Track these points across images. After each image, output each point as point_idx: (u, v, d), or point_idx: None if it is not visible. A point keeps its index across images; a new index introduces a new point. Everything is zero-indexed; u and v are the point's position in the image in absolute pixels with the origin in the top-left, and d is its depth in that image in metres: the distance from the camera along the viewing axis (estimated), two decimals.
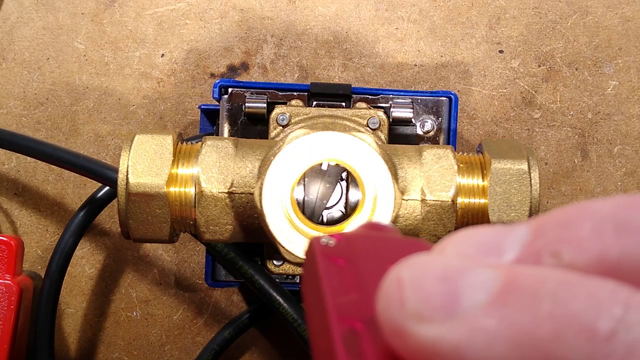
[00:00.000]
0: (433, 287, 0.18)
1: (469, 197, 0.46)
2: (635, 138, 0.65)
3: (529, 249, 0.19)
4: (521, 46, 0.65)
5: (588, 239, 0.18)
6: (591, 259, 0.18)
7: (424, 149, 0.48)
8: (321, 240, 0.23)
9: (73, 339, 0.65)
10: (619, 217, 0.18)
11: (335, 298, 0.20)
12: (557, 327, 0.16)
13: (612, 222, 0.18)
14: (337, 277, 0.21)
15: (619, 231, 0.18)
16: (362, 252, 0.23)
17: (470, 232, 0.20)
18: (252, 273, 0.55)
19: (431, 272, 0.18)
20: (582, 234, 0.18)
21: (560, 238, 0.18)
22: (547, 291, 0.17)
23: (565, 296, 0.17)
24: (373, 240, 0.24)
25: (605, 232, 0.18)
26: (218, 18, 0.66)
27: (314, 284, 0.22)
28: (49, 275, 0.58)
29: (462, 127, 0.65)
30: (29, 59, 0.66)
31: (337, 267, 0.22)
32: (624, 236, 0.18)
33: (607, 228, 0.18)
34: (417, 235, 0.47)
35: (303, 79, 0.65)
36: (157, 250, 0.65)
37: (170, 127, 0.65)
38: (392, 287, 0.18)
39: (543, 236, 0.19)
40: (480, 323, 0.17)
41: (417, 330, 0.18)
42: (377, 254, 0.23)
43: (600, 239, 0.18)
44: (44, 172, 0.65)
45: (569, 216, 0.19)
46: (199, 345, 0.65)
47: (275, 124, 0.53)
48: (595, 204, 0.19)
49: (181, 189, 0.47)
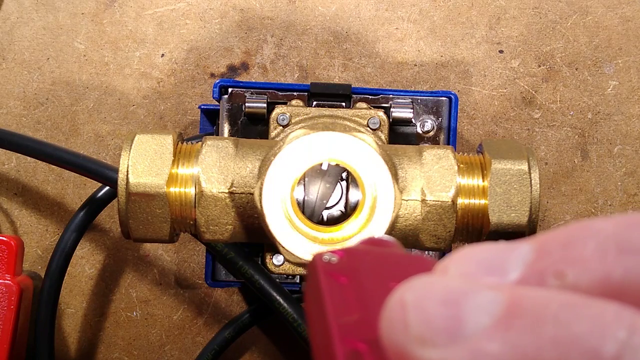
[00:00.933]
0: (436, 310, 0.18)
1: (469, 197, 0.46)
2: (635, 138, 0.65)
3: (533, 268, 0.19)
4: (521, 46, 0.65)
5: (591, 259, 0.18)
6: (595, 279, 0.18)
7: (424, 149, 0.48)
8: (323, 257, 0.23)
9: (73, 339, 0.65)
10: (622, 238, 0.18)
11: (339, 318, 0.20)
12: (561, 351, 0.16)
13: (615, 243, 0.18)
14: (340, 295, 0.21)
15: (622, 252, 0.18)
16: (364, 269, 0.23)
17: (473, 250, 0.20)
18: (252, 273, 0.55)
19: (434, 295, 0.18)
20: (585, 255, 0.18)
21: (564, 258, 0.18)
22: (551, 314, 0.17)
23: (569, 319, 0.17)
24: (375, 256, 0.24)
25: (609, 253, 0.18)
26: (218, 18, 0.66)
27: (317, 302, 0.22)
28: (49, 275, 0.58)
29: (462, 127, 0.65)
30: (29, 59, 0.66)
31: (339, 285, 0.22)
32: (628, 257, 0.18)
33: (611, 248, 0.18)
34: (417, 236, 0.47)
35: (303, 79, 0.65)
36: (157, 250, 0.65)
37: (170, 127, 0.65)
38: (395, 310, 0.18)
39: (546, 256, 0.19)
40: (483, 347, 0.17)
41: (421, 354, 0.17)
42: (380, 270, 0.22)
43: (604, 260, 0.18)
44: (44, 172, 0.65)
45: (571, 236, 0.19)
46: (199, 345, 0.65)
47: (276, 124, 0.53)
48: (598, 224, 0.19)
49: (181, 189, 0.47)
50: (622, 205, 0.65)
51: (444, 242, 0.47)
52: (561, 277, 0.18)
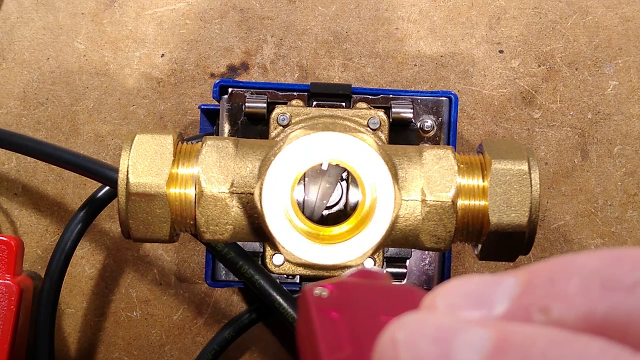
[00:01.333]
0: (427, 348, 0.18)
1: (469, 197, 0.46)
2: (635, 138, 0.65)
3: (519, 303, 0.19)
4: (521, 46, 0.65)
5: (576, 295, 0.18)
6: (579, 315, 0.18)
7: (424, 149, 0.48)
8: (314, 292, 0.23)
9: (73, 339, 0.65)
10: (605, 273, 0.18)
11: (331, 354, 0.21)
12: None
13: (598, 278, 0.18)
14: (332, 331, 0.22)
15: (605, 288, 0.18)
16: (355, 303, 0.23)
17: (460, 283, 0.20)
18: (252, 273, 0.55)
19: (425, 333, 0.18)
20: (569, 290, 0.18)
21: (549, 293, 0.19)
22: (538, 351, 0.17)
23: (556, 355, 0.17)
24: (365, 289, 0.24)
25: (593, 289, 0.18)
26: (218, 18, 0.66)
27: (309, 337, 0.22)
28: (49, 275, 0.58)
29: (462, 127, 0.65)
30: (29, 59, 0.66)
31: (331, 321, 0.22)
32: (611, 293, 0.18)
33: (594, 284, 0.18)
34: (417, 236, 0.47)
35: (303, 79, 0.65)
36: (157, 250, 0.65)
37: (170, 127, 0.65)
38: (387, 348, 0.18)
39: (532, 290, 0.19)
40: None
41: None
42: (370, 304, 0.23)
43: (588, 296, 0.18)
44: (44, 172, 0.65)
45: (557, 270, 0.19)
46: (199, 345, 0.65)
47: (276, 124, 0.53)
48: (582, 259, 0.19)
49: (181, 189, 0.47)
50: (622, 205, 0.65)
51: (444, 242, 0.47)
52: (546, 313, 0.18)
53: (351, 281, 0.25)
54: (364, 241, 0.43)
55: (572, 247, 0.65)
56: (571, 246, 0.65)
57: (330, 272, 0.54)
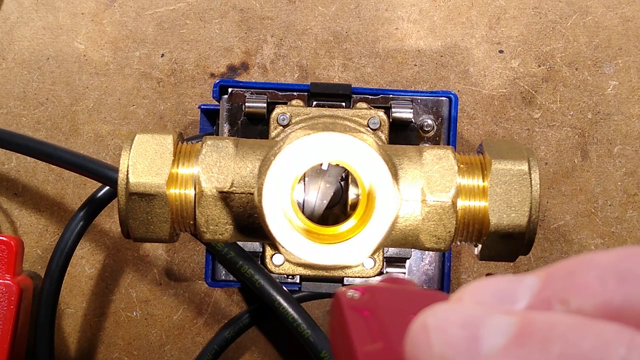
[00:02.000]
0: (456, 332, 0.20)
1: (469, 197, 0.46)
2: (635, 138, 0.65)
3: (540, 297, 0.21)
4: (521, 46, 0.65)
5: (593, 287, 0.20)
6: (596, 305, 0.20)
7: (424, 149, 0.48)
8: (347, 294, 0.25)
9: (73, 339, 0.65)
10: (620, 267, 0.20)
11: (363, 347, 0.22)
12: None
13: (614, 272, 0.20)
14: (364, 327, 0.24)
15: (620, 280, 0.20)
16: (384, 304, 0.25)
17: (485, 282, 0.22)
18: (252, 273, 0.55)
19: (454, 319, 0.20)
20: (587, 283, 0.20)
21: (568, 287, 0.20)
22: (559, 333, 0.19)
23: (575, 337, 0.18)
24: (394, 292, 0.26)
25: (609, 281, 0.20)
26: (218, 18, 0.66)
27: (342, 334, 0.24)
28: (49, 275, 0.58)
29: (462, 127, 0.65)
30: (29, 59, 0.66)
31: (363, 318, 0.24)
32: (626, 284, 0.20)
33: (610, 277, 0.20)
34: (417, 236, 0.47)
35: (303, 79, 0.65)
36: (157, 250, 0.65)
37: (170, 127, 0.65)
38: (419, 333, 0.20)
39: (551, 285, 0.21)
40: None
41: None
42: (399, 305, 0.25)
43: (604, 287, 0.20)
44: (44, 172, 0.65)
45: (574, 267, 0.21)
46: (199, 345, 0.65)
47: (276, 124, 0.53)
48: (599, 256, 0.20)
49: (181, 188, 0.47)
50: (622, 205, 0.65)
51: (444, 242, 0.47)
52: (566, 304, 0.20)
53: (380, 285, 0.27)
54: (363, 241, 0.43)
55: (572, 247, 0.65)
56: (571, 246, 0.65)
57: (330, 272, 0.54)
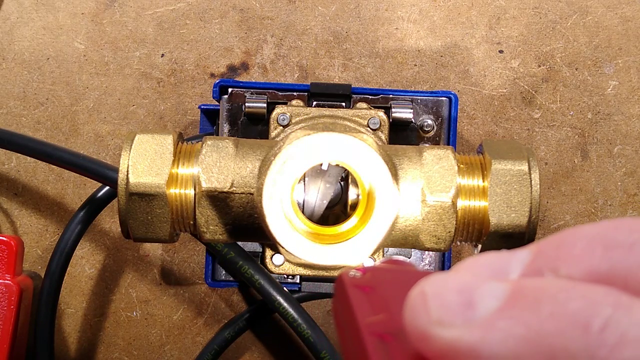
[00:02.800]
0: (453, 297, 0.21)
1: (469, 197, 0.46)
2: (635, 138, 0.65)
3: (531, 267, 0.22)
4: (521, 46, 0.65)
5: (581, 255, 0.21)
6: (585, 272, 0.21)
7: (424, 149, 0.48)
8: (349, 273, 0.27)
9: (73, 339, 0.65)
10: (606, 237, 0.21)
11: (365, 317, 0.24)
12: (558, 323, 0.19)
13: (601, 241, 0.21)
14: (366, 301, 0.25)
15: (607, 248, 0.21)
16: (384, 282, 0.26)
17: (479, 257, 0.23)
18: (252, 273, 0.55)
19: (450, 286, 0.21)
20: (576, 252, 0.21)
21: (558, 256, 0.22)
22: (549, 295, 0.20)
23: (564, 298, 0.20)
24: (394, 272, 0.28)
25: (596, 250, 0.21)
26: (218, 18, 0.66)
27: (345, 309, 0.26)
28: (49, 275, 0.58)
29: (462, 127, 0.65)
30: (29, 59, 0.66)
31: (364, 294, 0.26)
32: (612, 252, 0.21)
33: (597, 246, 0.21)
34: (417, 236, 0.47)
35: (303, 79, 0.65)
36: (157, 250, 0.65)
37: (170, 127, 0.65)
38: (417, 299, 0.21)
39: (542, 256, 0.22)
40: (493, 325, 0.20)
41: (440, 334, 0.21)
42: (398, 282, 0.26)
43: (592, 255, 0.21)
44: (44, 172, 0.65)
45: (564, 239, 0.22)
46: (199, 345, 0.65)
47: (276, 124, 0.53)
48: (587, 228, 0.22)
49: (181, 188, 0.47)
50: (622, 205, 0.65)
51: (444, 242, 0.47)
52: (556, 271, 0.21)
53: (381, 266, 0.29)
54: (363, 241, 0.43)
55: None
56: None
57: (330, 272, 0.54)
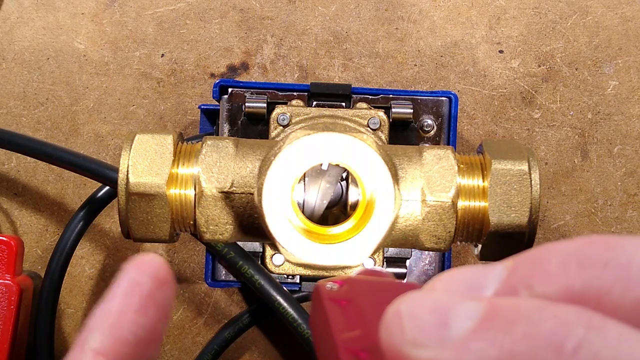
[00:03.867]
0: (427, 317, 0.21)
1: (469, 197, 0.46)
2: (635, 138, 0.65)
3: (506, 284, 0.22)
4: (521, 46, 0.65)
5: (556, 273, 0.21)
6: (559, 290, 0.21)
7: (424, 149, 0.48)
8: (326, 286, 0.27)
9: (73, 339, 0.65)
10: (581, 254, 0.21)
11: (341, 334, 0.24)
12: (531, 345, 0.19)
13: (575, 259, 0.21)
14: (342, 315, 0.25)
15: (581, 266, 0.21)
16: (362, 294, 0.26)
17: (456, 272, 0.23)
18: (252, 273, 0.55)
19: (425, 305, 0.21)
20: (550, 270, 0.21)
21: (532, 274, 0.22)
22: (522, 316, 0.20)
23: (537, 319, 0.20)
24: (370, 284, 0.27)
25: (570, 267, 0.21)
26: (218, 18, 0.66)
27: (322, 323, 0.26)
28: (49, 275, 0.58)
29: (462, 127, 0.65)
30: (29, 59, 0.66)
31: (341, 308, 0.25)
32: (586, 270, 0.21)
33: (572, 264, 0.21)
34: (417, 236, 0.47)
35: (303, 79, 0.65)
36: (157, 250, 0.65)
37: (170, 127, 0.65)
38: (393, 319, 0.21)
39: (517, 273, 0.22)
40: (466, 346, 0.20)
41: (415, 354, 0.20)
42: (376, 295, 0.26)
43: (566, 273, 0.21)
44: (44, 172, 0.65)
45: (539, 255, 0.22)
46: (199, 345, 0.65)
47: (276, 124, 0.53)
48: (561, 244, 0.22)
49: (181, 188, 0.47)
50: (622, 205, 0.65)
51: (444, 242, 0.47)
52: (530, 289, 0.21)
53: (359, 278, 0.28)
54: (363, 241, 0.43)
55: None
56: None
57: (330, 272, 0.54)
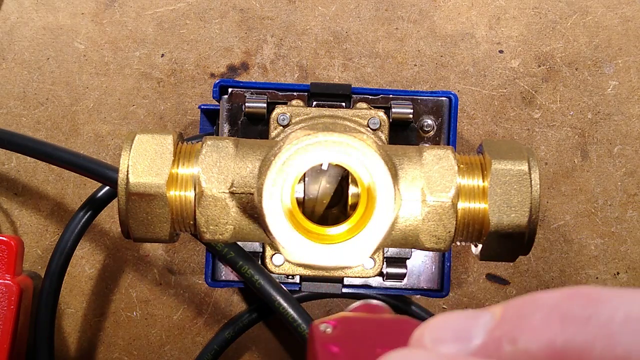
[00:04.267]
0: None
1: (469, 198, 0.46)
2: (635, 138, 0.65)
3: (491, 335, 0.23)
4: (521, 46, 0.65)
5: (539, 327, 0.22)
6: (542, 345, 0.22)
7: (424, 149, 0.48)
8: (320, 327, 0.28)
9: (73, 339, 0.65)
10: (563, 309, 0.22)
11: None
12: None
13: (558, 313, 0.22)
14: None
15: (563, 321, 0.21)
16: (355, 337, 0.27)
17: (444, 318, 0.24)
18: (252, 273, 0.55)
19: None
20: (534, 324, 0.22)
21: (517, 327, 0.22)
22: None
23: None
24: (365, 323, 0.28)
25: (553, 322, 0.22)
26: (218, 18, 0.66)
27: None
28: (49, 275, 0.58)
29: (462, 127, 0.65)
30: (29, 59, 0.66)
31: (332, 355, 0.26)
32: (567, 325, 0.21)
33: (554, 318, 0.22)
34: (417, 236, 0.47)
35: (303, 79, 0.65)
36: (157, 250, 0.65)
37: (170, 127, 0.65)
38: None
39: (503, 324, 0.23)
40: None
41: None
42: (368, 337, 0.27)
43: (549, 328, 0.22)
44: (44, 172, 0.65)
45: (524, 307, 0.23)
46: (199, 345, 0.65)
47: (276, 124, 0.53)
48: (546, 296, 0.23)
49: (181, 189, 0.47)
50: (622, 205, 0.65)
51: (444, 242, 0.47)
52: (514, 343, 0.22)
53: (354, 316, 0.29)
54: (363, 241, 0.43)
55: (572, 247, 0.65)
56: (571, 246, 0.65)
57: (330, 272, 0.54)
